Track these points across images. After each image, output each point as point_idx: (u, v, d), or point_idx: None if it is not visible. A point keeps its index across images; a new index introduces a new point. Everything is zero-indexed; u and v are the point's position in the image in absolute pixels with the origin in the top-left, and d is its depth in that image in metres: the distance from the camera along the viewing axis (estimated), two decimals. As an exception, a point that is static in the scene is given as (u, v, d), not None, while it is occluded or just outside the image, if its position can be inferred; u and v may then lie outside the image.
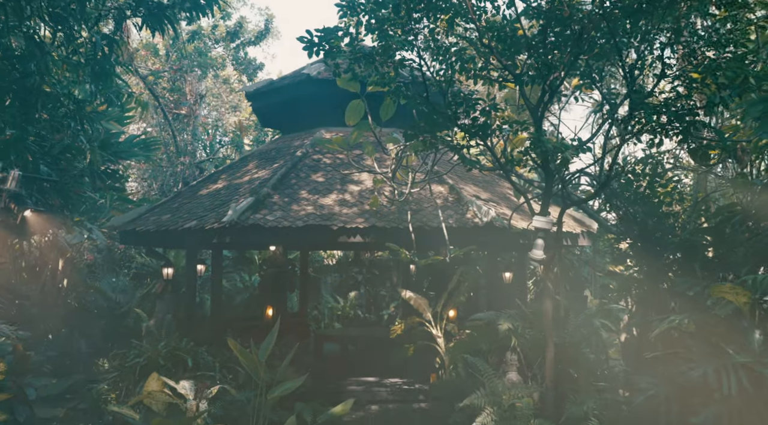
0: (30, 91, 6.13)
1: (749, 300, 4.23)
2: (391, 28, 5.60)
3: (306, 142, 10.52)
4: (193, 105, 19.37)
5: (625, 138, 5.04)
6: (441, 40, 5.98)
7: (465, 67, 5.85)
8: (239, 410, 7.14)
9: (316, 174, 9.72)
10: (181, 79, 18.70)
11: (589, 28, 5.00)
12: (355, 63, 5.51)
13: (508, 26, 5.68)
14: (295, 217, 8.61)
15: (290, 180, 9.57)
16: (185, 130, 19.27)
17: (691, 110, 4.88)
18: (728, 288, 4.20)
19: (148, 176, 19.21)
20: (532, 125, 5.58)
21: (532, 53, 5.48)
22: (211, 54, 19.26)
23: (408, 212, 8.04)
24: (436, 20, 5.79)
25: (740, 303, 4.24)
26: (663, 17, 5.01)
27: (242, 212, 8.45)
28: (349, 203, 9.01)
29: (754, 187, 5.71)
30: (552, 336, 5.28)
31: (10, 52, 6.20)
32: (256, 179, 10.03)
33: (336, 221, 8.50)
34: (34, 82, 6.17)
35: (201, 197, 10.20)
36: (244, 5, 35.81)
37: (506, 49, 5.69)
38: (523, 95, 5.68)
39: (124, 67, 8.83)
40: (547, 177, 5.51)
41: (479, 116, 5.32)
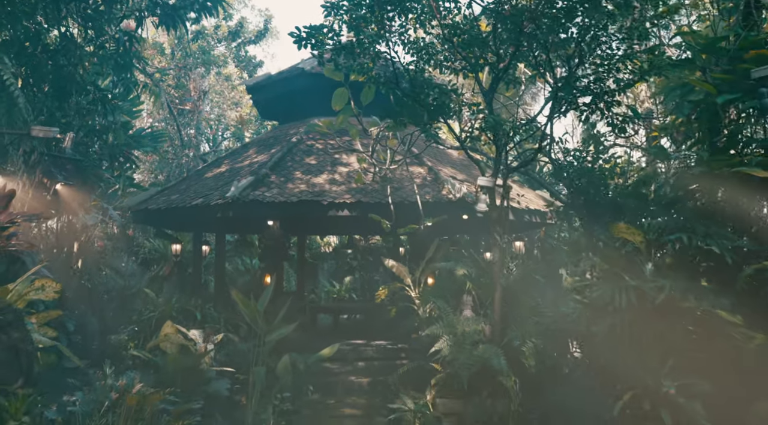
0: (65, 81, 7.28)
1: (643, 239, 5.35)
2: (367, 26, 6.74)
3: (301, 130, 11.67)
4: (197, 101, 20.53)
5: (552, 116, 6.18)
6: (411, 35, 7.13)
7: (431, 59, 7.00)
8: (241, 356, 8.26)
9: (309, 157, 10.87)
10: (186, 76, 19.86)
11: (527, 26, 6.13)
12: (337, 55, 6.64)
13: (467, 24, 6.83)
14: (289, 193, 9.75)
15: (286, 163, 10.71)
16: (189, 124, 20.43)
17: (608, 91, 6.02)
18: (624, 228, 5.33)
19: (155, 167, 20.36)
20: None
21: (484, 47, 6.62)
22: (214, 52, 20.46)
23: (389, 188, 9.17)
24: (407, 19, 6.93)
25: (637, 242, 5.36)
26: (589, 16, 6.15)
27: (243, 189, 9.57)
28: (338, 182, 10.15)
29: (671, 158, 6.85)
30: (499, 280, 6.41)
31: (47, 47, 7.35)
32: (255, 162, 11.16)
33: (326, 197, 9.64)
34: (67, 72, 7.32)
35: (206, 179, 11.34)
36: (245, 6, 37.06)
37: (464, 44, 6.82)
38: (477, 82, 6.82)
39: (142, 60, 9.97)
40: (497, 149, 6.65)
41: (438, 98, 6.46)
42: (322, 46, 6.73)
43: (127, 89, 8.66)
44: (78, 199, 9.07)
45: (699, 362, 4.91)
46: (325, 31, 6.77)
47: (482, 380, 6.11)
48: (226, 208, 9.63)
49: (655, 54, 6.06)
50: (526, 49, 6.24)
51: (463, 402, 6.16)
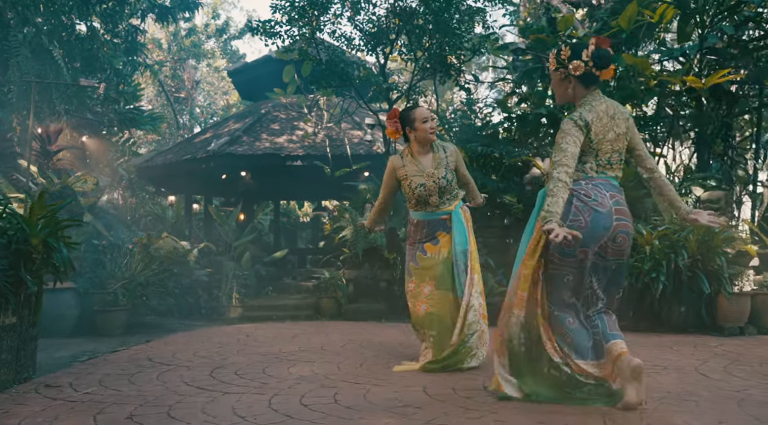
0: (91, 60, 10.38)
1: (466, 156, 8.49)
2: (300, 19, 9.83)
3: (269, 105, 14.81)
4: (190, 90, 23.66)
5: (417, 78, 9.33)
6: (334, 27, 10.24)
7: (348, 42, 10.11)
8: (217, 264, 11.37)
9: (273, 124, 14.01)
10: (181, 68, 22.98)
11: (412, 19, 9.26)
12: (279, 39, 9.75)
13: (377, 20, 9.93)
14: (256, 149, 12.89)
15: (255, 128, 13.84)
16: (184, 110, 23.55)
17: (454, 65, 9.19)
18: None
19: (153, 148, 23.46)
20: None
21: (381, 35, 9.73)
22: (205, 47, 23.58)
23: (327, 141, 12.32)
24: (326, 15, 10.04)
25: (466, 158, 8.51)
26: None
27: (221, 145, 12.72)
28: (294, 141, 13.28)
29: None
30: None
31: (78, 36, 10.47)
32: (233, 129, 14.30)
33: (283, 151, 12.79)
34: (92, 54, 10.41)
35: (195, 143, 14.48)
36: (234, 7, 40.23)
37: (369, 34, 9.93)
38: (376, 58, 9.94)
39: (144, 47, 13.09)
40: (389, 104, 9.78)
41: (343, 69, 9.57)
42: (271, 35, 9.83)
43: (133, 69, 11.74)
44: (100, 152, 12.15)
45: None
46: (273, 24, 9.88)
47: (372, 255, 9.22)
48: (209, 160, 12.74)
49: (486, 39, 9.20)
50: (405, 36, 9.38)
51: (359, 271, 9.27)
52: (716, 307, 6.06)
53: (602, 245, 2.96)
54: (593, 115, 3.01)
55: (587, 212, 2.91)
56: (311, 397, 3.40)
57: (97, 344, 6.22)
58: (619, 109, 3.12)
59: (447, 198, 4.25)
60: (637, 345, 5.25)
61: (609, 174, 3.07)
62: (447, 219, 4.24)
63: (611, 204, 2.96)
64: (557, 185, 2.87)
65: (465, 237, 4.21)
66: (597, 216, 2.90)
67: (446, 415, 2.97)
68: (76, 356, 5.27)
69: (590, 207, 2.91)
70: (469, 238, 4.24)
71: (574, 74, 3.06)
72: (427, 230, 4.27)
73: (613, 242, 2.96)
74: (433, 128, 4.23)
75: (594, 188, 2.98)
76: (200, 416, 3.03)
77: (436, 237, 4.26)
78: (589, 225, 2.89)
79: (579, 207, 2.92)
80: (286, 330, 6.87)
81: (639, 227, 6.44)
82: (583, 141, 2.98)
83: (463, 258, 4.16)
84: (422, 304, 4.27)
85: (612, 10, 8.54)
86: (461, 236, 4.19)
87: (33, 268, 3.98)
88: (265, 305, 9.90)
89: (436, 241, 4.25)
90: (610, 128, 3.04)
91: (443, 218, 4.25)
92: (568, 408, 3.01)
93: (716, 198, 6.75)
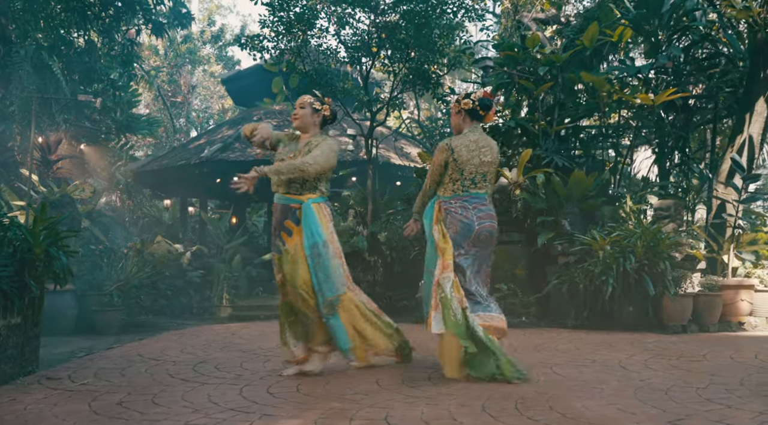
0: (88, 72, 10.92)
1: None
2: (287, 34, 10.36)
3: (261, 112, 15.35)
4: (186, 94, 24.19)
5: (398, 90, 9.87)
6: (321, 41, 10.78)
7: (333, 55, 10.65)
8: (209, 265, 11.90)
9: (265, 131, 14.53)
10: (177, 73, 23.51)
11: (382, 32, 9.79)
12: (266, 52, 10.28)
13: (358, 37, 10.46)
14: (248, 155, 13.42)
15: (248, 134, 14.37)
16: (180, 114, 24.08)
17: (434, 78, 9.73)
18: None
19: (151, 152, 24.01)
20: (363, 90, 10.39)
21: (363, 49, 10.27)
22: (200, 53, 24.13)
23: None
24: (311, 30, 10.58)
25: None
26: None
27: (213, 152, 13.26)
28: (285, 148, 13.80)
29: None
30: (371, 199, 10.06)
31: (77, 49, 11.00)
32: (226, 136, 14.83)
33: (275, 157, 13.30)
34: (90, 67, 10.95)
35: (189, 149, 15.02)
36: (230, 12, 40.82)
37: (353, 48, 10.46)
38: (360, 70, 10.48)
39: (139, 59, 13.64)
40: (371, 115, 10.31)
41: (330, 80, 10.12)
42: (259, 50, 10.36)
43: (129, 79, 12.28)
44: (98, 158, 12.68)
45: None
46: (261, 38, 10.42)
47: (354, 258, 9.76)
48: (202, 166, 13.30)
49: (462, 53, 9.74)
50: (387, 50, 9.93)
51: (343, 272, 9.82)
52: (661, 307, 6.61)
53: (472, 241, 4.13)
54: (461, 142, 4.13)
55: (456, 222, 4.12)
56: (277, 387, 3.95)
57: (94, 341, 6.76)
58: (489, 142, 4.23)
59: (297, 187, 4.15)
60: (582, 342, 5.81)
61: (472, 191, 4.16)
62: (297, 209, 4.13)
63: (473, 214, 4.13)
64: (422, 190, 4.38)
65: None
66: (463, 225, 4.11)
67: (389, 401, 3.51)
68: (74, 352, 5.80)
69: (458, 219, 4.12)
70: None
71: (464, 108, 4.23)
72: (279, 216, 4.21)
73: (478, 238, 4.13)
74: (295, 115, 4.34)
75: (461, 205, 4.15)
76: (180, 402, 3.57)
77: (286, 227, 4.15)
78: (459, 231, 4.11)
79: (451, 219, 4.14)
80: (269, 328, 7.41)
81: (594, 234, 7.00)
82: (451, 163, 4.11)
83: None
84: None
85: (579, 28, 9.09)
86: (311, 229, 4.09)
87: (36, 274, 4.52)
88: (254, 305, 10.44)
89: (288, 231, 4.14)
90: (476, 155, 4.12)
91: (293, 206, 4.15)
92: (485, 390, 3.55)
93: (666, 206, 7.30)
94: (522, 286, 7.70)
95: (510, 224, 8.20)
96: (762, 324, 7.10)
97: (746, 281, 7.04)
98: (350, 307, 4.23)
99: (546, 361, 4.72)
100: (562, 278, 7.05)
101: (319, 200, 4.19)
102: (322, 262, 4.08)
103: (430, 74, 9.76)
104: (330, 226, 4.20)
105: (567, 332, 6.68)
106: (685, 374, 4.12)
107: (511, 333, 6.66)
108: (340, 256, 4.24)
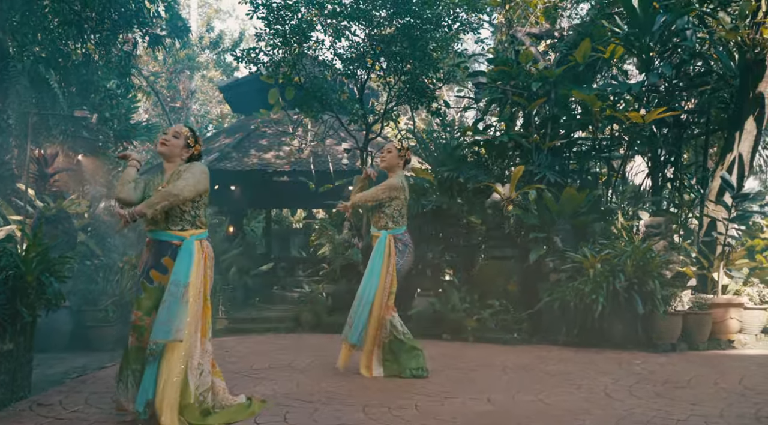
0: (86, 84, 10.98)
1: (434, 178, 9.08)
2: (284, 46, 10.41)
3: (258, 120, 15.39)
4: (185, 100, 24.25)
5: (393, 103, 9.92)
6: (317, 53, 10.83)
7: (329, 68, 10.70)
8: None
9: (262, 140, 14.61)
10: (176, 78, 23.57)
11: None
12: (261, 65, 10.32)
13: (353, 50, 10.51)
14: (245, 165, 13.49)
15: (244, 144, 14.45)
16: (179, 120, 24.12)
17: (428, 90, 9.76)
18: (421, 171, 9.07)
19: (150, 157, 24.05)
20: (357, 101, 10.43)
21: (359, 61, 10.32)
22: (199, 59, 24.19)
23: (311, 158, 12.92)
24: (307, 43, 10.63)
25: (428, 177, 9.11)
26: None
27: (211, 162, 13.31)
28: (281, 157, 13.89)
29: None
30: (366, 211, 10.13)
31: (74, 62, 11.06)
32: (223, 144, 14.90)
33: (271, 167, 13.39)
34: (87, 79, 11.01)
35: (187, 157, 15.06)
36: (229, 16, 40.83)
37: (348, 60, 10.51)
38: (355, 83, 10.53)
39: (136, 69, 13.70)
40: (366, 127, 10.36)
41: (326, 93, 10.17)
42: (255, 62, 10.41)
43: (126, 90, 12.33)
44: (95, 169, 12.71)
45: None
46: (257, 51, 10.46)
47: (349, 271, 9.82)
48: (199, 175, 13.33)
49: (456, 67, 9.79)
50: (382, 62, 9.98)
51: (337, 285, 9.88)
52: (651, 325, 6.66)
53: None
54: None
55: (410, 251, 5.25)
56: (265, 415, 3.99)
57: (88, 358, 6.81)
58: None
59: (179, 219, 3.81)
60: (571, 362, 5.86)
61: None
62: (178, 245, 3.78)
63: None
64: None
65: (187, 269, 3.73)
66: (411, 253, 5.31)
67: (372, 433, 3.56)
68: (67, 372, 5.86)
69: (410, 248, 5.29)
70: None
71: (406, 157, 5.39)
72: (155, 252, 3.83)
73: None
74: (165, 141, 3.94)
75: (408, 236, 5.31)
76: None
77: (162, 263, 3.78)
78: (411, 258, 5.29)
79: (406, 248, 5.22)
80: (263, 344, 7.47)
81: (585, 251, 7.05)
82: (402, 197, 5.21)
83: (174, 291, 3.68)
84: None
85: (573, 43, 9.13)
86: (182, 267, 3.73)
87: (28, 301, 4.57)
88: (249, 318, 10.49)
89: (163, 268, 3.77)
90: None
91: (174, 242, 3.79)
92: (479, 418, 3.61)
93: (657, 223, 7.35)
94: (514, 302, 7.75)
95: (503, 240, 8.25)
96: (752, 341, 7.15)
97: (736, 299, 7.09)
98: (176, 360, 3.70)
99: (533, 386, 4.77)
100: (553, 296, 7.10)
101: (202, 236, 3.86)
102: (171, 302, 3.67)
103: (425, 87, 9.81)
104: (201, 268, 3.80)
105: (557, 349, 6.73)
106: (668, 403, 4.17)
107: (503, 350, 6.75)
108: (196, 302, 3.77)
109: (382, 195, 5.16)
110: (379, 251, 5.16)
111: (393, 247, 5.15)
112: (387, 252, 5.12)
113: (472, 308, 7.72)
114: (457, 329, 7.69)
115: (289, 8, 9.83)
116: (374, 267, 5.16)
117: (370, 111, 10.16)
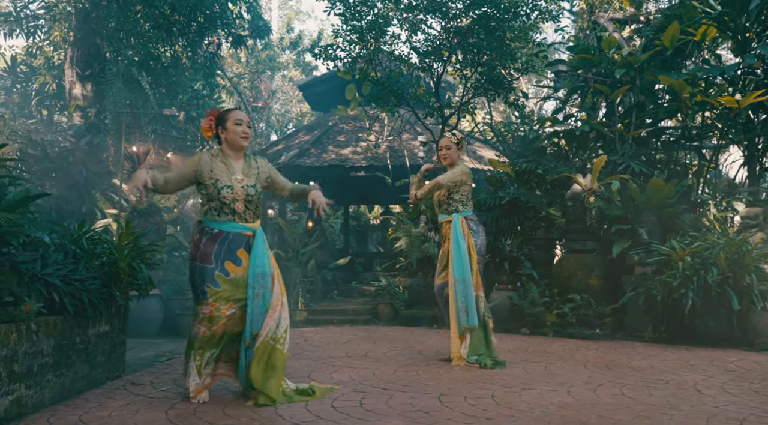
0: (174, 85, 11.55)
1: (511, 170, 8.87)
2: (360, 42, 10.53)
3: (336, 117, 15.66)
4: (267, 100, 24.99)
5: (469, 95, 9.78)
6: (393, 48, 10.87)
7: (404, 62, 10.72)
8: (286, 269, 12.28)
9: (339, 136, 14.83)
10: (258, 79, 24.34)
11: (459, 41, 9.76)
12: (339, 61, 10.47)
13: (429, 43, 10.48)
14: (323, 160, 13.74)
15: (323, 140, 14.72)
16: (261, 119, 24.91)
17: (507, 82, 9.57)
18: (498, 162, 8.84)
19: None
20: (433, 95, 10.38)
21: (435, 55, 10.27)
22: (280, 59, 24.87)
23: (387, 154, 12.99)
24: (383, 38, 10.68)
25: (507, 170, 8.88)
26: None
27: (291, 158, 13.66)
28: (359, 153, 14.05)
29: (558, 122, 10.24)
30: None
31: (163, 64, 11.64)
32: (302, 141, 15.25)
33: (348, 162, 13.57)
34: (175, 80, 11.57)
35: (267, 154, 15.53)
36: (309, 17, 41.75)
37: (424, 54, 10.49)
38: (431, 76, 10.49)
39: (221, 70, 14.28)
40: (442, 120, 10.30)
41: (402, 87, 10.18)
42: (333, 58, 10.58)
43: (212, 90, 12.89)
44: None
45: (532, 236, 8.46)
46: (334, 48, 10.63)
47: (425, 264, 9.80)
48: (279, 171, 13.69)
49: (535, 56, 9.56)
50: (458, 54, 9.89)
51: (414, 279, 9.88)
52: (748, 322, 6.25)
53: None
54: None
55: (482, 230, 5.39)
56: (341, 401, 4.05)
57: (177, 344, 7.15)
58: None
59: (253, 212, 3.94)
60: (657, 359, 5.59)
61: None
62: (251, 237, 3.91)
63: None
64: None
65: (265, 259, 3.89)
66: (484, 233, 5.44)
67: (447, 420, 3.53)
68: (158, 356, 6.18)
69: (482, 228, 5.42)
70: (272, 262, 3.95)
71: (461, 148, 5.43)
72: (228, 245, 3.86)
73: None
74: (245, 132, 3.92)
75: (476, 217, 5.45)
76: (249, 414, 3.74)
77: (237, 255, 3.87)
78: (485, 237, 5.42)
79: (478, 226, 5.36)
80: (341, 334, 7.58)
81: (673, 244, 6.71)
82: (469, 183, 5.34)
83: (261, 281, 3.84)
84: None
85: (659, 27, 8.70)
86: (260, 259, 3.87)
87: (121, 286, 4.85)
88: (328, 309, 10.68)
89: (238, 260, 3.87)
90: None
91: (247, 233, 3.91)
92: (546, 416, 3.50)
93: (754, 214, 6.88)
94: (596, 296, 7.48)
95: (584, 233, 7.99)
96: None
97: None
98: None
99: (617, 380, 4.59)
100: (638, 290, 6.80)
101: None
102: (264, 293, 3.84)
103: (503, 78, 9.63)
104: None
105: (643, 346, 6.44)
106: (766, 401, 3.90)
107: (584, 345, 6.54)
108: (282, 285, 4.02)
109: (458, 178, 5.26)
110: (457, 232, 5.18)
111: (467, 227, 5.20)
112: (464, 232, 5.18)
113: (551, 302, 7.53)
114: (536, 323, 7.52)
115: (366, 3, 9.92)
116: (461, 248, 5.16)
117: (446, 104, 10.10)
